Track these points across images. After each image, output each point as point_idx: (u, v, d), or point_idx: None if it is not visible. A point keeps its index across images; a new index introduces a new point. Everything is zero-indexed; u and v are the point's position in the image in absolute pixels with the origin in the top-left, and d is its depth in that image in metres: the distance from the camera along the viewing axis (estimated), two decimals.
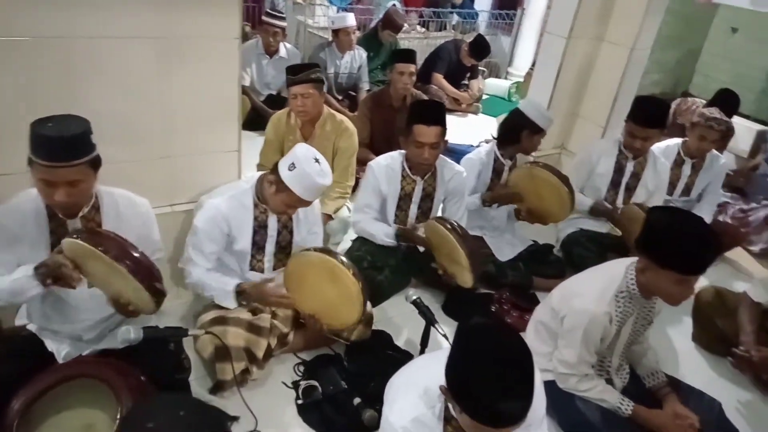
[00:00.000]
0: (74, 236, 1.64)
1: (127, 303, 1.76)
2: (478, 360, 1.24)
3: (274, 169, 2.08)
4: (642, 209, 2.79)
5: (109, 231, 1.77)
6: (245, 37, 5.26)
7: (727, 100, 3.91)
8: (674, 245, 1.76)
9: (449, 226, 2.39)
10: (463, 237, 2.38)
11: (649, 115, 2.88)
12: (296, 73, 2.87)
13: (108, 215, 1.86)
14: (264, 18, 4.50)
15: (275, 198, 2.12)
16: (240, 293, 2.17)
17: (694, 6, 6.14)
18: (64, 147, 1.60)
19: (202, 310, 2.25)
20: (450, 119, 5.19)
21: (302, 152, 2.05)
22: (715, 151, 3.41)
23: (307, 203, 2.15)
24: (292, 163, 2.02)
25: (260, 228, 2.24)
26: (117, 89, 2.07)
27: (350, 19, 4.67)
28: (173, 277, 2.44)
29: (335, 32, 4.70)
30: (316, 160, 2.06)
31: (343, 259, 2.07)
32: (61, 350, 1.89)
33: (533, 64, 5.91)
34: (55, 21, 1.87)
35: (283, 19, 4.50)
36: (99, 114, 1.98)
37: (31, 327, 1.92)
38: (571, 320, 2.01)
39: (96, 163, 1.72)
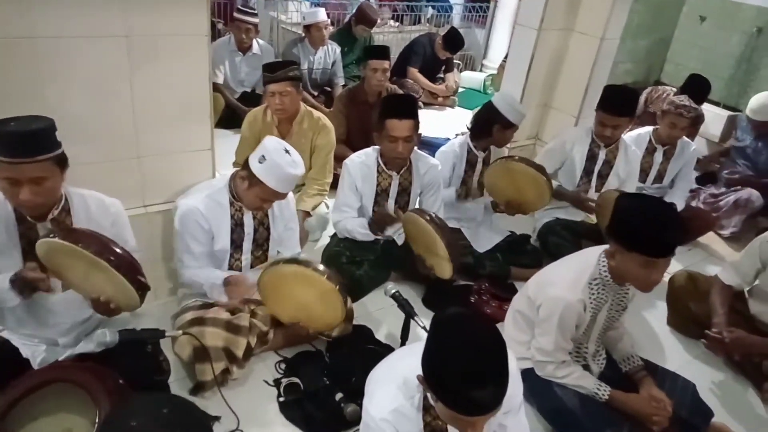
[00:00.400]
0: (50, 236, 1.62)
1: (108, 301, 1.75)
2: (451, 350, 1.25)
3: (245, 165, 2.07)
4: (617, 192, 2.84)
5: (85, 228, 1.75)
6: (218, 33, 5.21)
7: (697, 86, 4.00)
8: (639, 227, 1.81)
9: (428, 218, 2.41)
10: (441, 228, 2.40)
11: (618, 104, 2.93)
12: (274, 71, 2.85)
13: (78, 217, 1.85)
14: (235, 15, 4.45)
15: (249, 193, 2.11)
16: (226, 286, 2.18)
17: None
18: (26, 142, 1.59)
19: (180, 311, 2.24)
20: (426, 113, 5.30)
21: (271, 144, 2.06)
22: (686, 138, 3.47)
23: (281, 196, 2.14)
24: (262, 156, 2.02)
25: (237, 226, 2.24)
26: (85, 89, 2.04)
27: (321, 15, 4.64)
28: (149, 278, 2.38)
29: (307, 28, 4.67)
30: (286, 151, 2.06)
31: (317, 265, 2.06)
32: (36, 356, 1.87)
33: (506, 57, 5.95)
34: (19, 21, 1.84)
35: (254, 15, 4.46)
36: (67, 115, 1.96)
37: (4, 333, 1.88)
38: (547, 309, 2.04)
39: (61, 162, 1.70)
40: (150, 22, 2.03)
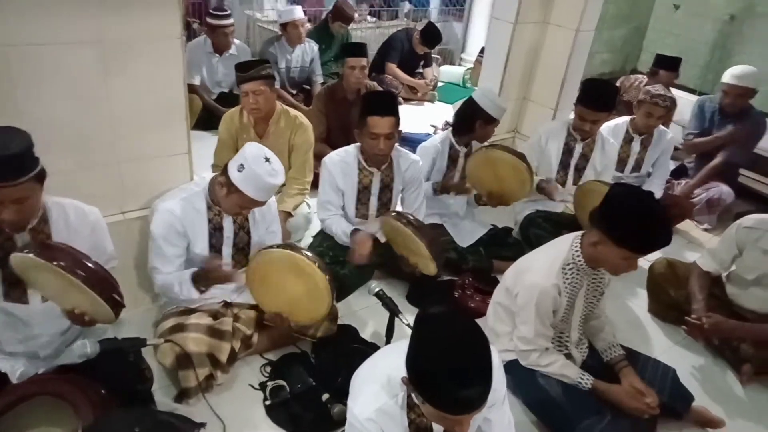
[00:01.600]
0: (25, 251, 1.61)
1: (82, 314, 1.73)
2: (434, 351, 1.26)
3: (224, 171, 2.05)
4: (599, 182, 2.86)
5: (61, 243, 1.73)
6: (193, 33, 5.15)
7: (666, 60, 4.11)
8: (635, 227, 1.82)
9: (405, 221, 2.41)
10: (419, 229, 2.40)
11: (598, 99, 2.94)
12: (246, 70, 2.82)
13: (57, 226, 1.83)
14: (209, 20, 4.39)
15: (227, 200, 2.09)
16: (195, 281, 2.15)
17: None
18: (6, 166, 1.56)
19: (162, 319, 2.22)
20: (406, 108, 5.30)
21: (251, 152, 2.03)
22: (662, 127, 3.52)
23: (260, 204, 2.13)
24: (242, 164, 2.00)
25: (215, 230, 2.22)
26: (59, 96, 2.00)
27: (298, 12, 4.60)
28: (130, 285, 2.40)
29: (284, 26, 4.64)
30: (267, 159, 2.03)
31: (308, 253, 2.05)
32: (15, 369, 1.84)
33: (482, 51, 5.97)
34: None
35: (227, 17, 4.40)
36: (42, 123, 1.94)
37: None
38: (523, 296, 2.06)
39: (41, 177, 1.69)
40: (123, 27, 2.00)
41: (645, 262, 2.86)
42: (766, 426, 2.34)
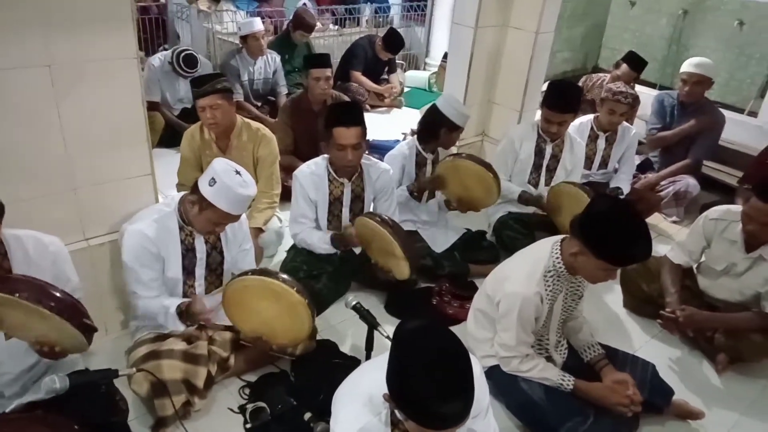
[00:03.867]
0: None
1: (52, 345, 1.67)
2: (414, 367, 1.24)
3: (195, 189, 2.01)
4: (570, 184, 2.92)
5: (20, 274, 1.67)
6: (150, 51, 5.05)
7: (635, 60, 4.21)
8: (615, 241, 1.83)
9: (378, 219, 2.38)
10: (393, 227, 2.38)
11: (563, 101, 2.99)
12: (201, 85, 2.75)
13: (16, 260, 1.77)
14: (180, 72, 4.26)
15: (200, 218, 2.04)
16: (181, 314, 2.10)
17: None
18: None
19: (134, 346, 2.15)
20: (374, 115, 5.30)
21: (221, 166, 2.00)
22: (626, 123, 3.58)
23: (234, 218, 2.08)
24: (212, 179, 1.96)
25: (188, 252, 2.16)
26: (11, 123, 1.92)
27: (257, 24, 4.54)
28: (98, 313, 2.30)
29: (244, 38, 4.57)
30: (237, 172, 2.01)
31: (284, 276, 2.00)
32: None
33: (445, 56, 6.01)
34: None
35: (195, 69, 4.27)
36: None
37: None
38: (505, 304, 2.06)
39: (1, 213, 1.63)
40: (74, 50, 1.93)
41: None
42: (744, 413, 2.39)
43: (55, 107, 1.98)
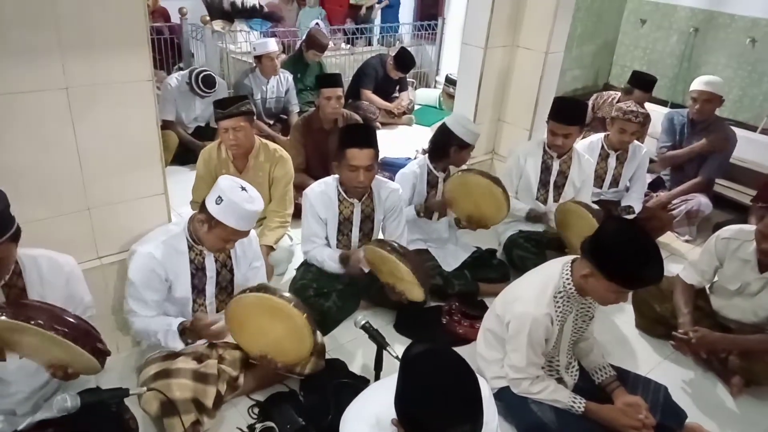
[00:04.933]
0: None
1: (65, 367, 1.70)
2: (422, 392, 1.24)
3: (203, 208, 2.03)
4: (576, 203, 2.91)
5: (35, 300, 1.70)
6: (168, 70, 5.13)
7: (643, 80, 4.18)
8: (626, 263, 1.82)
9: (389, 248, 2.39)
10: (404, 255, 2.39)
11: (567, 113, 3.01)
12: (225, 107, 2.81)
13: (31, 279, 1.79)
14: (199, 92, 4.35)
15: (210, 236, 2.07)
16: (183, 332, 2.10)
17: (603, 2, 6.44)
18: None
19: (144, 365, 2.16)
20: (385, 132, 5.33)
21: (226, 183, 2.02)
22: (636, 142, 3.57)
23: (243, 234, 2.10)
24: (219, 197, 1.99)
25: (198, 271, 2.18)
26: (30, 145, 1.97)
27: (272, 45, 4.62)
28: (110, 331, 2.34)
29: (258, 58, 4.65)
30: (243, 188, 2.03)
31: (283, 293, 2.01)
32: None
33: (447, 79, 6.07)
34: None
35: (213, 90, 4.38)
36: (13, 172, 1.91)
37: None
38: (515, 325, 2.05)
39: (17, 236, 1.66)
40: (90, 72, 1.98)
41: None
42: None
43: (72, 129, 2.02)
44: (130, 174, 2.22)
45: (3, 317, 1.52)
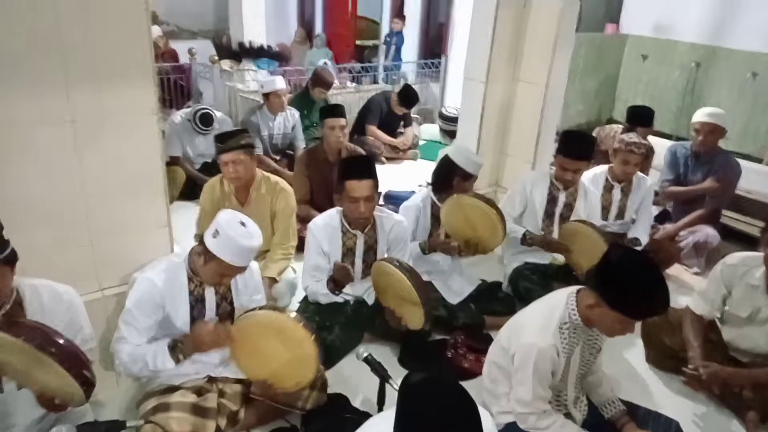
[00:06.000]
0: None
1: (52, 397, 1.68)
2: (420, 421, 1.21)
3: (201, 241, 2.03)
4: (582, 223, 2.90)
5: (30, 320, 1.70)
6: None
7: (640, 115, 4.20)
8: (631, 293, 1.79)
9: (397, 264, 2.40)
10: (409, 272, 2.39)
11: (577, 148, 3.03)
12: (225, 140, 2.85)
13: (32, 309, 1.80)
14: (197, 130, 4.44)
15: (207, 269, 2.05)
16: (173, 348, 2.06)
17: (605, 38, 6.55)
18: None
19: (144, 398, 2.13)
20: (390, 167, 5.36)
21: (225, 218, 2.00)
22: (640, 174, 3.57)
23: (240, 269, 2.07)
24: (216, 231, 1.97)
25: (197, 302, 2.16)
26: (33, 174, 2.01)
27: (279, 83, 4.72)
28: (111, 364, 2.31)
29: (266, 95, 4.74)
30: (242, 223, 2.01)
31: (290, 313, 2.01)
32: None
33: (443, 117, 6.15)
34: None
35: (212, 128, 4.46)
36: (13, 200, 1.93)
37: None
38: (520, 356, 2.00)
39: (11, 260, 1.66)
40: (96, 104, 2.03)
41: None
42: None
43: (76, 159, 2.06)
44: (133, 205, 2.25)
45: None
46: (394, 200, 4.10)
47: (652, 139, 4.30)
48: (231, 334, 2.05)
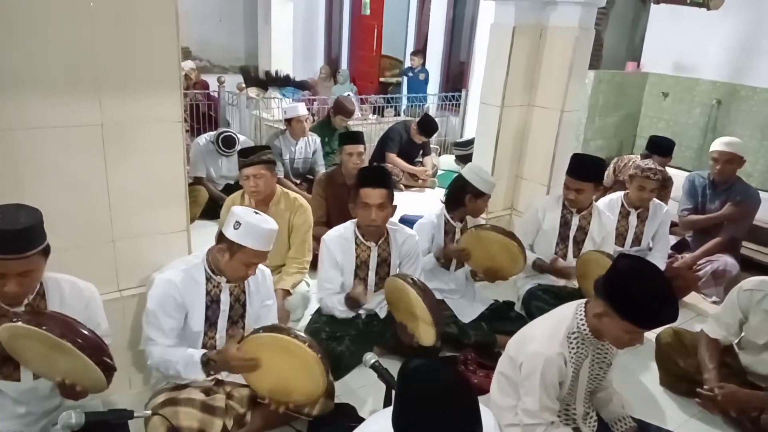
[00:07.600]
0: (14, 320, 1.62)
1: (73, 384, 1.72)
2: (418, 410, 1.23)
3: (221, 238, 2.10)
4: (596, 252, 2.89)
5: (51, 311, 1.76)
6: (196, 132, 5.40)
7: (659, 145, 4.23)
8: (638, 301, 1.80)
9: (410, 281, 2.42)
10: (423, 290, 2.41)
11: (581, 168, 3.06)
12: (248, 155, 2.97)
13: (53, 301, 1.86)
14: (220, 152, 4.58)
15: (232, 264, 2.11)
16: (206, 363, 2.09)
17: (625, 75, 6.61)
18: (17, 239, 1.62)
19: (153, 394, 2.16)
20: (408, 194, 5.42)
21: (241, 210, 2.11)
22: (657, 200, 3.56)
23: (263, 255, 2.13)
24: (236, 222, 2.06)
25: (212, 303, 2.22)
26: (60, 177, 2.09)
27: (301, 109, 4.88)
28: (124, 365, 2.36)
29: (288, 121, 4.89)
30: (256, 212, 2.12)
31: (297, 332, 2.03)
32: None
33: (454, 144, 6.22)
34: None
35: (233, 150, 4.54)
36: (42, 203, 1.99)
37: None
38: (528, 365, 2.00)
39: (47, 252, 1.74)
40: (123, 110, 2.13)
41: (652, 333, 2.78)
42: None
43: (103, 163, 2.15)
44: (155, 209, 2.33)
45: (18, 323, 1.58)
46: (409, 224, 4.14)
47: (671, 171, 4.30)
48: (256, 362, 2.06)
